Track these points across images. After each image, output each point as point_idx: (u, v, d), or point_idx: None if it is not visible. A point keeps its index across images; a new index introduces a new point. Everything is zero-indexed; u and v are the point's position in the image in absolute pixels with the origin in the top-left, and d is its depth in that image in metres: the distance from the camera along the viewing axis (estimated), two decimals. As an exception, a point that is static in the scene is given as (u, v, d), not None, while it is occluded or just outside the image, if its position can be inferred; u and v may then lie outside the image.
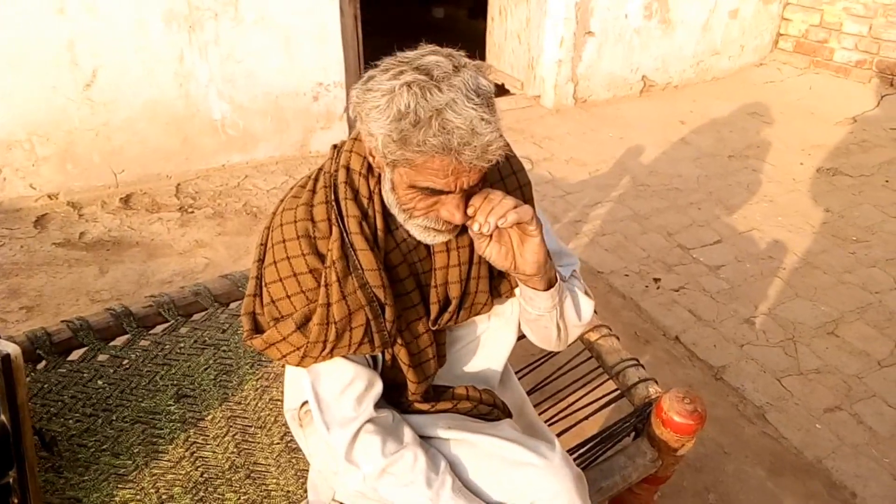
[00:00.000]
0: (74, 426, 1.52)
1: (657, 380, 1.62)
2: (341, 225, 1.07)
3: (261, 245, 1.16)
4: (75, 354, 1.62)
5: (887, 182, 4.00)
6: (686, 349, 2.66)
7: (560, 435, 1.61)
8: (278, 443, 1.56)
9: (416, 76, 0.94)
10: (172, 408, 1.60)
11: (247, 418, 1.61)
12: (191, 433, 1.56)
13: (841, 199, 3.80)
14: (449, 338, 1.29)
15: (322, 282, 1.07)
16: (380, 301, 1.08)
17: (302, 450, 1.46)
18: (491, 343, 1.34)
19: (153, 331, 1.70)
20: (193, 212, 3.47)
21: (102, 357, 1.62)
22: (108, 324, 1.63)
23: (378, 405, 1.18)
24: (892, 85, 5.11)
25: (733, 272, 3.14)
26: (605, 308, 2.86)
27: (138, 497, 1.42)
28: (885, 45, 5.06)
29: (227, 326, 1.76)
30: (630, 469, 1.48)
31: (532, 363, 1.84)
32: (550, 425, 1.66)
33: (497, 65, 5.25)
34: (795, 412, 2.38)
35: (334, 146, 1.16)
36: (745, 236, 3.43)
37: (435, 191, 1.01)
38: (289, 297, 1.09)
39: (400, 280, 1.13)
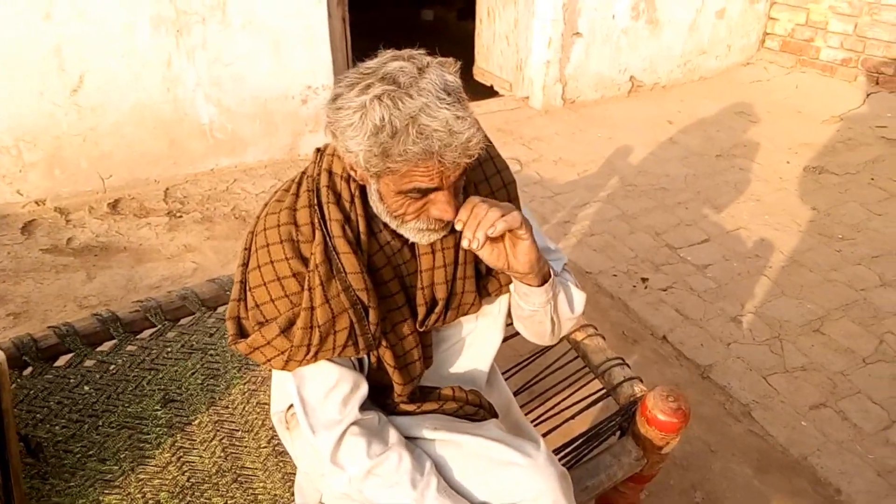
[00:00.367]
0: (60, 432, 1.52)
1: (642, 378, 1.63)
2: (324, 228, 1.08)
3: (245, 249, 1.16)
4: (62, 360, 1.62)
5: (873, 180, 4.03)
6: (673, 348, 2.68)
7: (547, 434, 1.62)
8: (265, 446, 1.57)
9: (384, 87, 0.94)
10: (159, 412, 1.60)
11: (234, 422, 1.62)
12: (178, 438, 1.56)
13: (827, 198, 3.83)
14: (435, 338, 1.30)
15: (305, 285, 1.08)
16: (363, 304, 1.09)
17: (289, 453, 1.47)
18: (478, 343, 1.35)
19: (140, 336, 1.70)
20: (182, 216, 3.46)
21: (89, 362, 1.63)
22: (95, 329, 1.64)
23: (364, 407, 1.19)
24: (878, 83, 5.15)
25: (720, 271, 3.16)
26: (594, 308, 2.87)
27: (125, 502, 1.42)
28: (871, 44, 5.10)
29: (215, 330, 1.77)
30: (615, 468, 1.49)
31: (519, 363, 1.86)
32: (537, 425, 1.67)
33: (486, 66, 5.27)
34: (781, 410, 2.40)
35: (317, 150, 1.17)
36: (733, 235, 3.46)
37: (423, 191, 1.02)
38: (273, 301, 1.10)
39: (384, 282, 1.14)
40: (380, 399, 1.26)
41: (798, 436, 2.30)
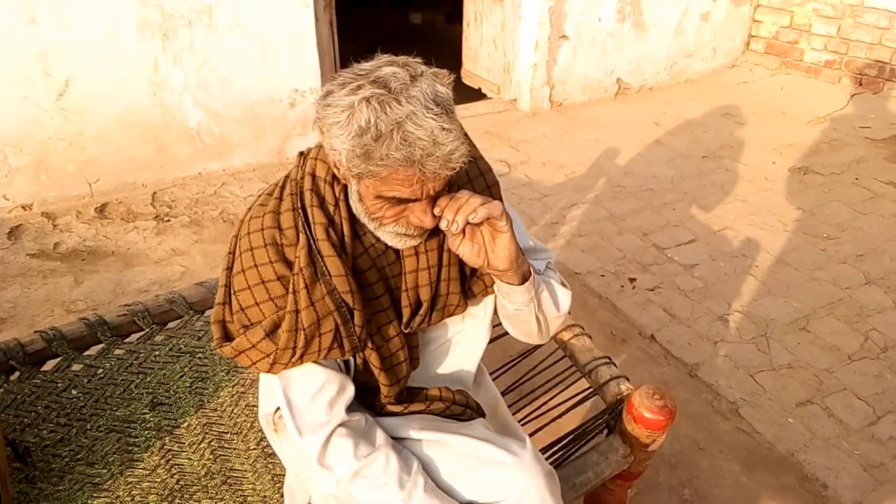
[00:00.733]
0: (48, 436, 1.52)
1: (629, 377, 1.65)
2: (308, 232, 1.08)
3: (229, 253, 1.17)
4: (49, 365, 1.62)
5: (857, 180, 4.07)
6: (661, 347, 2.70)
7: (535, 433, 1.63)
8: (254, 448, 1.57)
9: (374, 90, 0.94)
10: (147, 416, 1.60)
11: (223, 425, 1.62)
12: (166, 441, 1.56)
13: (812, 198, 3.87)
14: (422, 339, 1.30)
15: (290, 288, 1.08)
16: (348, 306, 1.09)
17: (278, 455, 1.47)
18: (464, 344, 1.36)
19: (128, 339, 1.70)
20: (170, 220, 3.45)
21: (76, 367, 1.63)
22: (82, 333, 1.63)
23: (350, 408, 1.20)
24: (861, 84, 5.21)
25: (707, 271, 3.19)
26: (582, 308, 2.89)
27: (113, 506, 1.42)
28: (854, 46, 5.16)
29: (203, 334, 1.77)
30: (603, 465, 1.50)
31: (507, 363, 1.87)
32: (525, 424, 1.69)
33: (473, 69, 5.29)
34: (768, 407, 2.42)
35: (301, 153, 1.18)
36: (719, 235, 3.48)
37: (402, 199, 1.03)
38: (258, 305, 1.10)
39: (369, 285, 1.14)
40: (367, 400, 1.27)
41: (785, 433, 2.32)
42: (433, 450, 1.24)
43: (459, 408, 1.32)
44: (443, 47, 5.63)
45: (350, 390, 1.19)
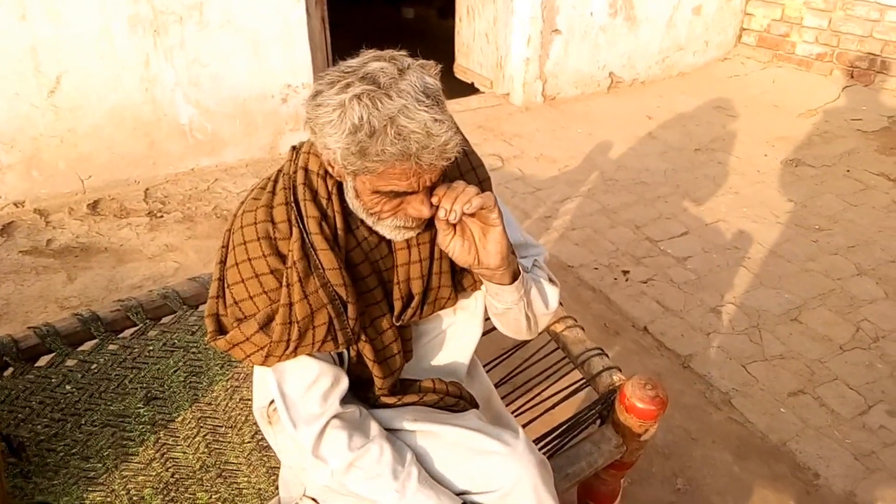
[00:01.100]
0: (43, 431, 1.52)
1: (622, 368, 1.66)
2: (301, 226, 1.09)
3: (222, 247, 1.17)
4: (43, 360, 1.62)
5: (848, 172, 4.09)
6: (654, 339, 2.71)
7: (528, 424, 1.64)
8: (249, 441, 1.58)
9: (364, 87, 0.95)
10: (142, 410, 1.61)
11: (217, 418, 1.62)
12: (161, 435, 1.56)
13: (804, 190, 3.88)
14: (415, 332, 1.31)
15: (284, 282, 1.09)
16: (342, 299, 1.10)
17: (272, 447, 1.48)
18: (457, 336, 1.37)
19: (122, 335, 1.70)
20: (163, 216, 3.45)
21: (70, 362, 1.63)
22: (76, 329, 1.63)
23: (344, 400, 1.20)
24: (853, 77, 5.23)
25: (700, 263, 3.20)
26: (576, 301, 2.90)
27: (109, 499, 1.43)
28: (845, 38, 5.18)
29: (196, 328, 1.77)
30: (596, 455, 1.52)
31: (500, 355, 1.88)
32: (518, 415, 1.70)
33: (466, 64, 5.29)
34: (760, 397, 2.44)
35: (293, 147, 1.18)
36: (712, 228, 3.50)
37: (399, 193, 1.03)
38: (251, 298, 1.11)
39: (362, 278, 1.15)
40: (360, 392, 1.28)
41: (777, 422, 2.34)
42: (426, 441, 1.25)
43: (453, 399, 1.33)
44: (435, 42, 5.63)
45: (344, 382, 1.20)
